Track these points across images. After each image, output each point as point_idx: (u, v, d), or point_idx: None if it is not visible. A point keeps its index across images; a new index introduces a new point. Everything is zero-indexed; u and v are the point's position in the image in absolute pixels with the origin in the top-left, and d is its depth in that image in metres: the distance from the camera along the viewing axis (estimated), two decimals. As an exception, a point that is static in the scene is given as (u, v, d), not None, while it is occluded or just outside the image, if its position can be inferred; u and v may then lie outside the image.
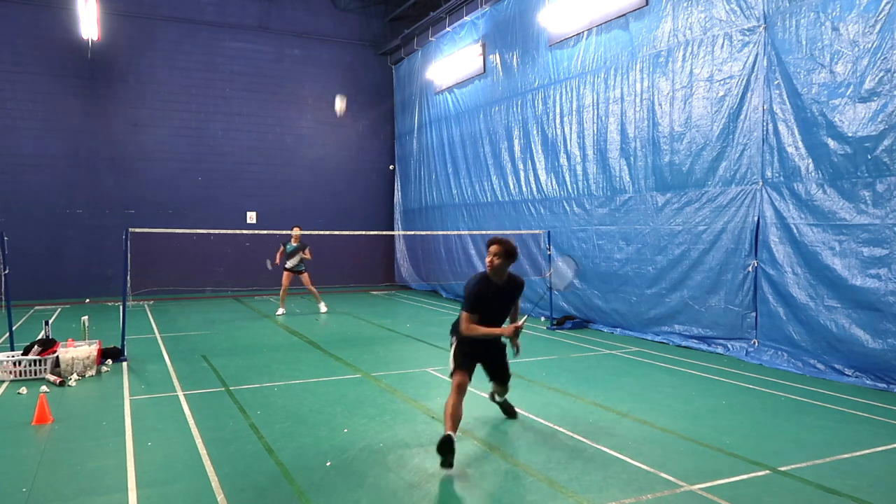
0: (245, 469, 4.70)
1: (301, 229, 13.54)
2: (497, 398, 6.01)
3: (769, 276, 8.44)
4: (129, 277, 8.81)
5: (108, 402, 6.58)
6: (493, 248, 5.12)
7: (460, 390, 5.04)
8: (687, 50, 9.55)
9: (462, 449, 5.12)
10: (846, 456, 4.97)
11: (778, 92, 8.27)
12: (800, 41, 7.97)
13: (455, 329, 5.47)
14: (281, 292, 13.90)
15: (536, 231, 12.68)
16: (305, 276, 13.83)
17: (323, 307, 14.09)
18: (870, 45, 7.18)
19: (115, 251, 15.03)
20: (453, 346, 5.42)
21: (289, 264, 13.78)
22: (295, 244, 13.71)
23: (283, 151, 18.56)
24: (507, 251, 5.10)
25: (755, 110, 8.60)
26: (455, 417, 4.84)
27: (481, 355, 5.45)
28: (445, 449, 4.57)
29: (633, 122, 10.56)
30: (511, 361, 5.64)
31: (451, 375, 5.27)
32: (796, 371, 7.88)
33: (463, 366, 5.23)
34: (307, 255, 13.76)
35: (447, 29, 16.22)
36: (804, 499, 4.19)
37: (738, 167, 8.86)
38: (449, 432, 4.67)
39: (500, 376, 5.64)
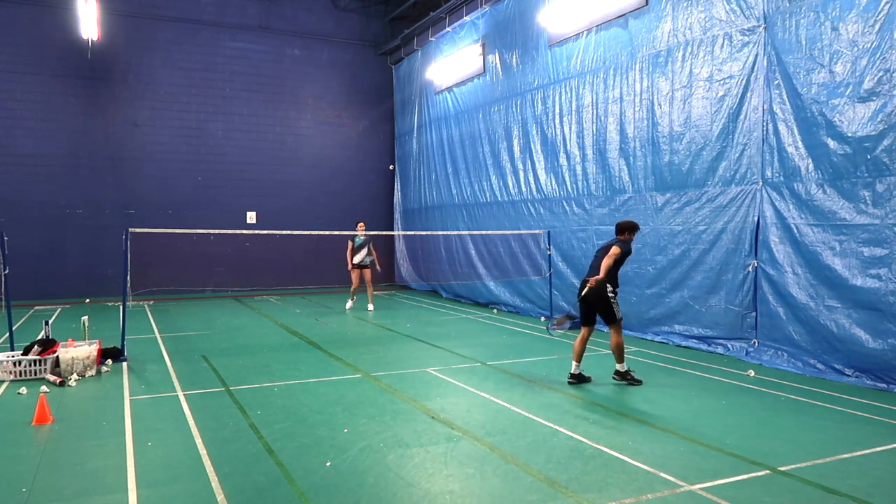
0: (245, 469, 4.70)
1: (365, 225, 14.05)
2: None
3: (769, 276, 8.44)
4: (129, 277, 8.81)
5: (108, 402, 6.58)
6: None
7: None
8: (687, 50, 9.55)
9: (462, 449, 5.13)
10: (846, 456, 4.98)
11: (778, 92, 8.27)
12: (800, 41, 7.97)
13: (612, 280, 7.05)
14: (353, 288, 14.21)
15: (536, 231, 12.68)
16: (368, 273, 14.08)
17: (370, 307, 14.22)
18: (869, 45, 7.18)
19: (115, 251, 15.03)
20: (615, 296, 7.08)
21: (356, 259, 14.01)
22: (362, 238, 13.92)
23: (283, 151, 18.56)
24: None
25: (755, 110, 8.60)
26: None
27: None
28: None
29: (632, 122, 10.56)
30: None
31: (620, 321, 7.14)
32: (796, 371, 7.88)
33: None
34: (374, 252, 14.09)
35: (447, 29, 16.22)
36: (804, 499, 4.20)
37: (737, 167, 8.86)
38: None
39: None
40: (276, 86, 18.45)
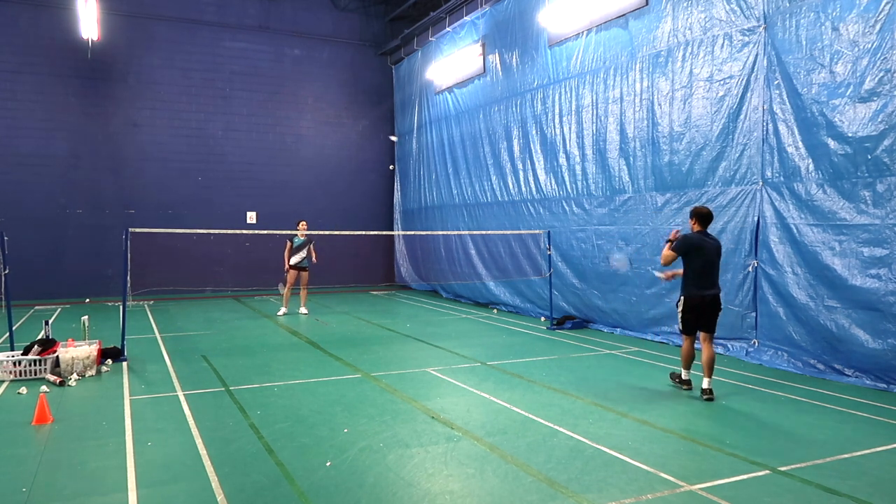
0: (245, 469, 4.70)
1: (307, 224, 13.41)
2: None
3: (769, 276, 8.44)
4: (129, 277, 8.81)
5: (108, 402, 6.58)
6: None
7: None
8: (687, 50, 9.55)
9: (462, 449, 5.13)
10: (846, 456, 4.98)
11: (778, 92, 8.27)
12: (800, 41, 7.97)
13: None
14: (286, 291, 13.49)
15: (536, 231, 12.68)
16: (305, 275, 13.48)
17: (304, 310, 13.66)
18: (869, 46, 7.18)
19: (115, 251, 15.02)
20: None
21: (294, 260, 13.36)
22: (302, 238, 13.32)
23: (283, 151, 18.56)
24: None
25: (755, 110, 8.60)
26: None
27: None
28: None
29: (632, 122, 10.55)
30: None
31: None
32: (796, 371, 7.88)
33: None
34: (313, 253, 13.40)
35: (447, 29, 16.22)
36: (804, 499, 4.20)
37: (737, 167, 8.86)
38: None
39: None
40: (276, 86, 18.45)
